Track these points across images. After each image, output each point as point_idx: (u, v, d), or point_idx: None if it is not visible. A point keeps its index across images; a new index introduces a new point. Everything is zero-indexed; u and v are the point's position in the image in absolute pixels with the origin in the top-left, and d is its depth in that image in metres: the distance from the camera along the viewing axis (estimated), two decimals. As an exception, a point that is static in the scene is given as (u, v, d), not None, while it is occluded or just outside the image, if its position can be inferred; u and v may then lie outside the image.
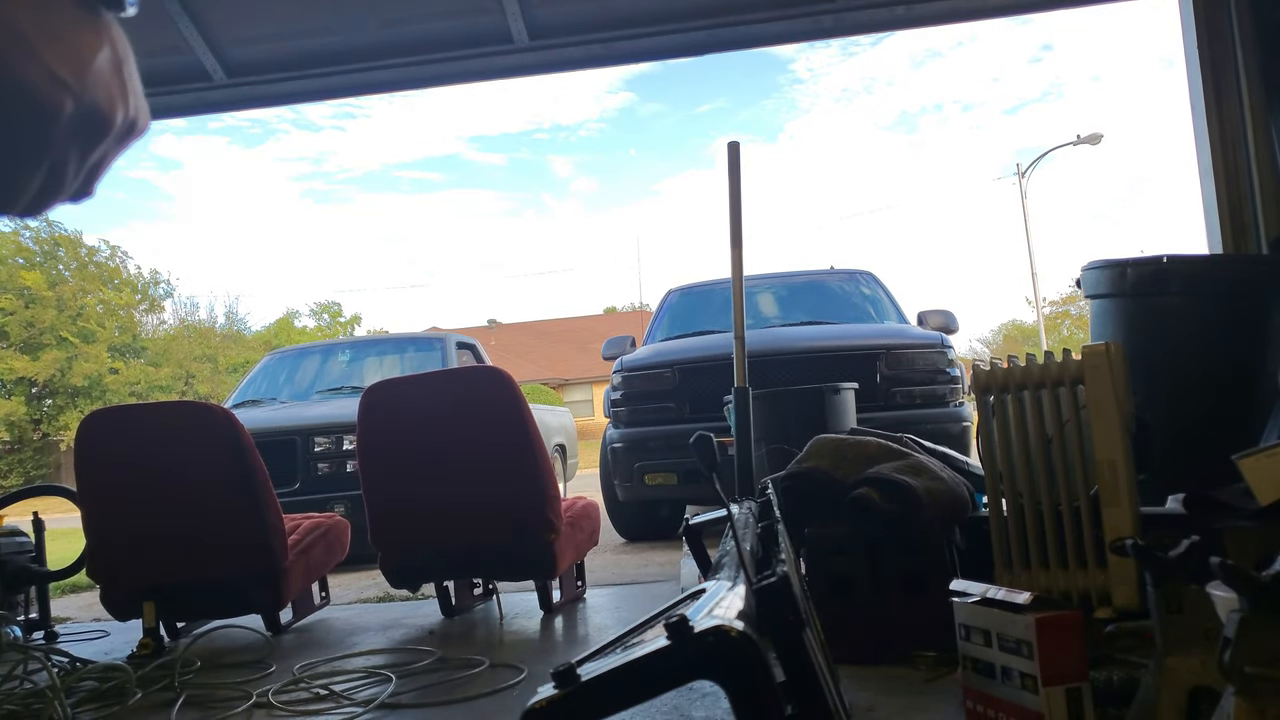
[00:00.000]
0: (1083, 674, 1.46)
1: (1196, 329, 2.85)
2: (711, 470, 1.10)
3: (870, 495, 2.19)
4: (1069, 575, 2.10)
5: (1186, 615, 1.14)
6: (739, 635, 0.70)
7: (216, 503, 3.03)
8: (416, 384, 3.33)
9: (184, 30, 4.07)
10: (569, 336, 35.64)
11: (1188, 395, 2.80)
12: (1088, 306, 3.19)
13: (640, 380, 5.21)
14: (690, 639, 0.69)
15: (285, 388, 6.93)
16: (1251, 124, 3.58)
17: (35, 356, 24.92)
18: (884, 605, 2.16)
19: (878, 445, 2.40)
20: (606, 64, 4.33)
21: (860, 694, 1.88)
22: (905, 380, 4.89)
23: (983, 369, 2.25)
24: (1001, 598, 1.56)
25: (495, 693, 2.23)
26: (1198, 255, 3.34)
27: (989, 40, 70.75)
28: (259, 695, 2.33)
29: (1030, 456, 2.16)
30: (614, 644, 0.78)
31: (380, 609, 3.68)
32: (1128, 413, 2.02)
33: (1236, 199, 3.62)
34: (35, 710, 2.21)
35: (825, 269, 7.04)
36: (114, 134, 0.51)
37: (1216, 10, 3.67)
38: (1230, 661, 0.91)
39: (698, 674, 0.72)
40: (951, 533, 2.25)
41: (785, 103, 67.21)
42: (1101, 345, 2.06)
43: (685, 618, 0.69)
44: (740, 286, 3.20)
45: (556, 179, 67.29)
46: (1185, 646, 1.13)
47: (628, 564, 4.82)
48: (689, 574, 2.24)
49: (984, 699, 1.60)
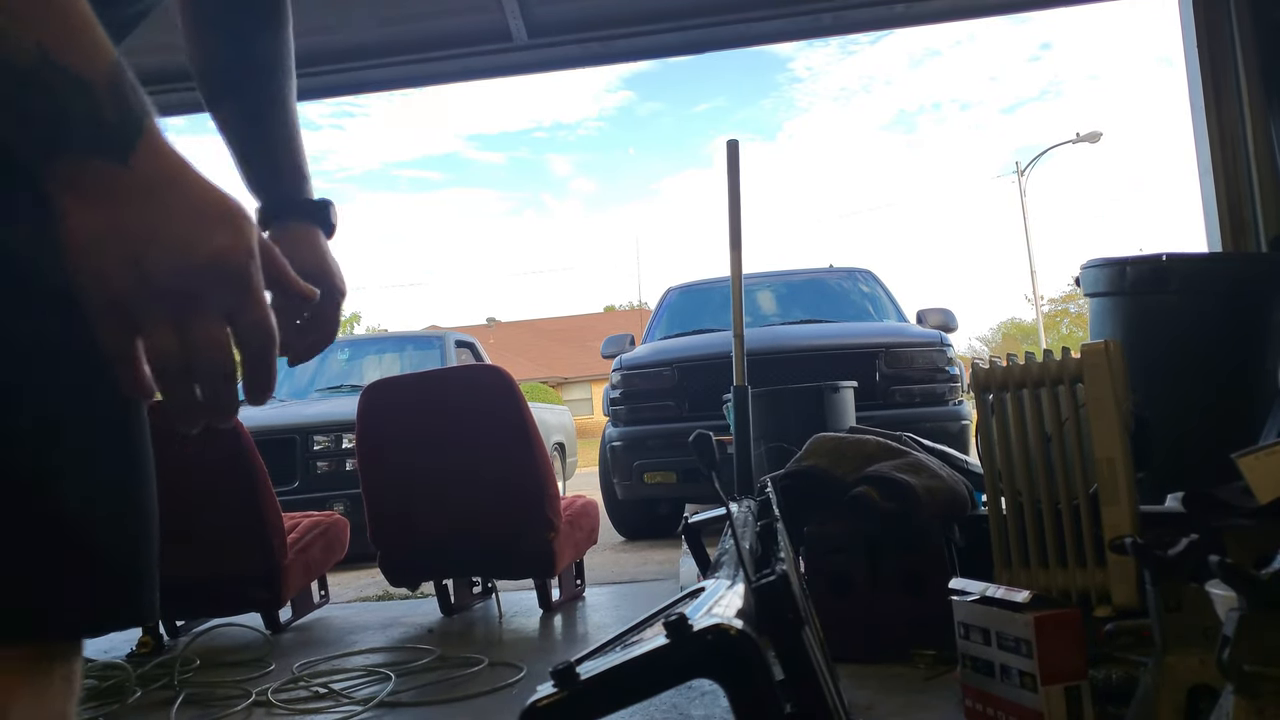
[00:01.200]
0: (1082, 672, 1.47)
1: (1196, 327, 2.85)
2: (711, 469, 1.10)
3: (869, 494, 2.19)
4: (1068, 574, 2.10)
5: (1185, 614, 1.14)
6: (738, 634, 0.70)
7: (216, 501, 3.02)
8: (416, 382, 3.32)
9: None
10: (568, 335, 35.62)
11: (1187, 393, 2.80)
12: (1087, 305, 3.19)
13: (639, 379, 5.20)
14: (689, 637, 0.69)
15: (284, 386, 6.92)
16: (1251, 122, 3.58)
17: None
18: (883, 603, 2.16)
19: (877, 444, 2.40)
20: (605, 62, 4.32)
21: (859, 692, 1.88)
22: (904, 379, 4.88)
23: (982, 367, 2.25)
24: (1001, 596, 1.56)
25: (494, 691, 2.23)
26: (1197, 253, 3.34)
27: (988, 39, 70.74)
28: (258, 694, 2.33)
29: (1029, 455, 2.16)
30: (613, 642, 0.77)
31: (379, 607, 3.68)
32: (1127, 411, 2.02)
33: (1236, 197, 3.62)
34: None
35: (824, 267, 7.04)
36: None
37: (1216, 9, 3.67)
38: (1229, 660, 0.91)
39: (697, 672, 0.72)
40: (950, 531, 2.25)
41: (784, 101, 67.26)
42: (1101, 343, 2.06)
43: (684, 616, 0.69)
44: (739, 285, 3.20)
45: (555, 177, 67.34)
46: (1184, 645, 1.13)
47: (627, 562, 4.82)
48: (688, 572, 2.24)
49: (983, 697, 1.60)
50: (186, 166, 0.53)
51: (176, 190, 0.52)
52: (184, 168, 0.53)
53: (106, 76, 0.50)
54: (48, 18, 0.48)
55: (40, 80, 0.48)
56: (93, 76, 0.49)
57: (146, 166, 0.51)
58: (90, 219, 0.50)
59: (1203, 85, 3.68)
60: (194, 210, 0.52)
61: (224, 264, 0.52)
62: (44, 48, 0.48)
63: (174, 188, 0.52)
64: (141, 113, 0.51)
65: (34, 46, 0.47)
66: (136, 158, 0.51)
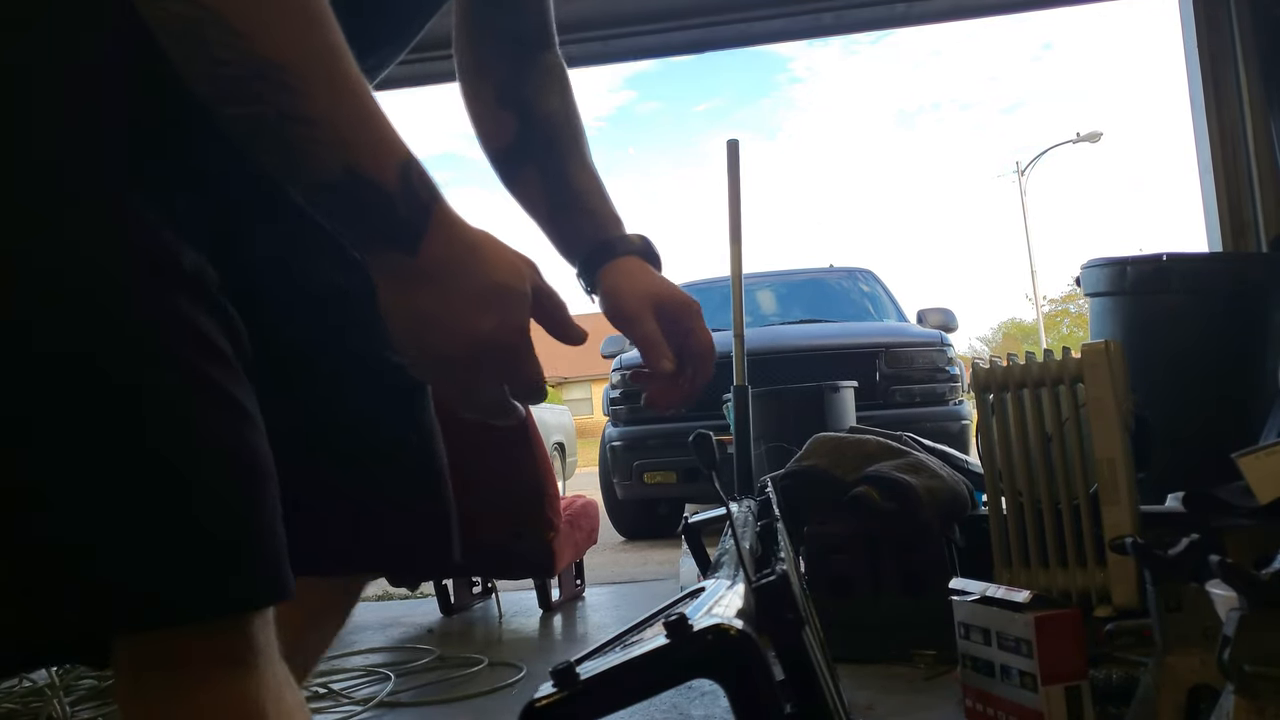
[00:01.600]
0: (1082, 672, 1.46)
1: (1196, 327, 2.85)
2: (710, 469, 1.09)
3: (870, 493, 2.18)
4: (1068, 574, 2.10)
5: (1186, 614, 1.13)
6: (738, 634, 0.69)
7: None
8: (415, 382, 3.31)
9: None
10: (568, 334, 35.53)
11: (1187, 393, 2.80)
12: (1087, 304, 3.19)
13: (639, 378, 5.20)
14: (689, 637, 0.69)
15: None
16: (1251, 122, 3.57)
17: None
18: (883, 603, 2.16)
19: (877, 443, 2.40)
20: (605, 61, 4.33)
21: (860, 692, 1.88)
22: (904, 378, 4.88)
23: (982, 367, 2.25)
24: (1001, 596, 1.56)
25: (494, 691, 2.23)
26: (1197, 253, 3.34)
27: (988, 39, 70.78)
28: (258, 693, 2.33)
29: (1030, 455, 2.16)
30: (613, 642, 0.77)
31: (379, 607, 3.68)
32: (1127, 411, 2.02)
33: (1236, 197, 3.62)
34: (34, 708, 2.21)
35: (824, 266, 7.03)
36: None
37: (1216, 8, 3.66)
38: (1229, 660, 0.91)
39: (696, 672, 0.71)
40: (951, 531, 2.24)
41: (784, 101, 67.32)
42: (1101, 343, 2.06)
43: (684, 616, 0.69)
44: (739, 284, 3.20)
45: (556, 177, 67.14)
46: (1185, 645, 1.13)
47: (627, 562, 4.82)
48: (688, 572, 2.24)
49: (983, 697, 1.60)
50: (471, 246, 0.61)
51: (456, 275, 0.60)
52: (468, 248, 0.60)
53: (398, 175, 0.57)
54: (352, 137, 0.55)
55: (346, 191, 0.56)
56: (387, 179, 0.56)
57: (432, 253, 0.59)
58: (387, 296, 0.60)
59: (1203, 84, 3.68)
60: (469, 295, 0.60)
61: (491, 344, 0.61)
62: (349, 165, 0.55)
63: (454, 273, 0.60)
64: (430, 200, 0.59)
65: (341, 166, 0.55)
66: (425, 246, 0.58)
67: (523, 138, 0.95)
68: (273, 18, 0.54)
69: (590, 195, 0.94)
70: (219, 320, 0.59)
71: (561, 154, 0.95)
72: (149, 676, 0.57)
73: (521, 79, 0.96)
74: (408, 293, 0.59)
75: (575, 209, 0.94)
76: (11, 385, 0.52)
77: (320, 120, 0.55)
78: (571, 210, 0.94)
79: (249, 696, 0.57)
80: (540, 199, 0.95)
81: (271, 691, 0.59)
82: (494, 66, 0.96)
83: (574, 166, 0.95)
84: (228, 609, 0.56)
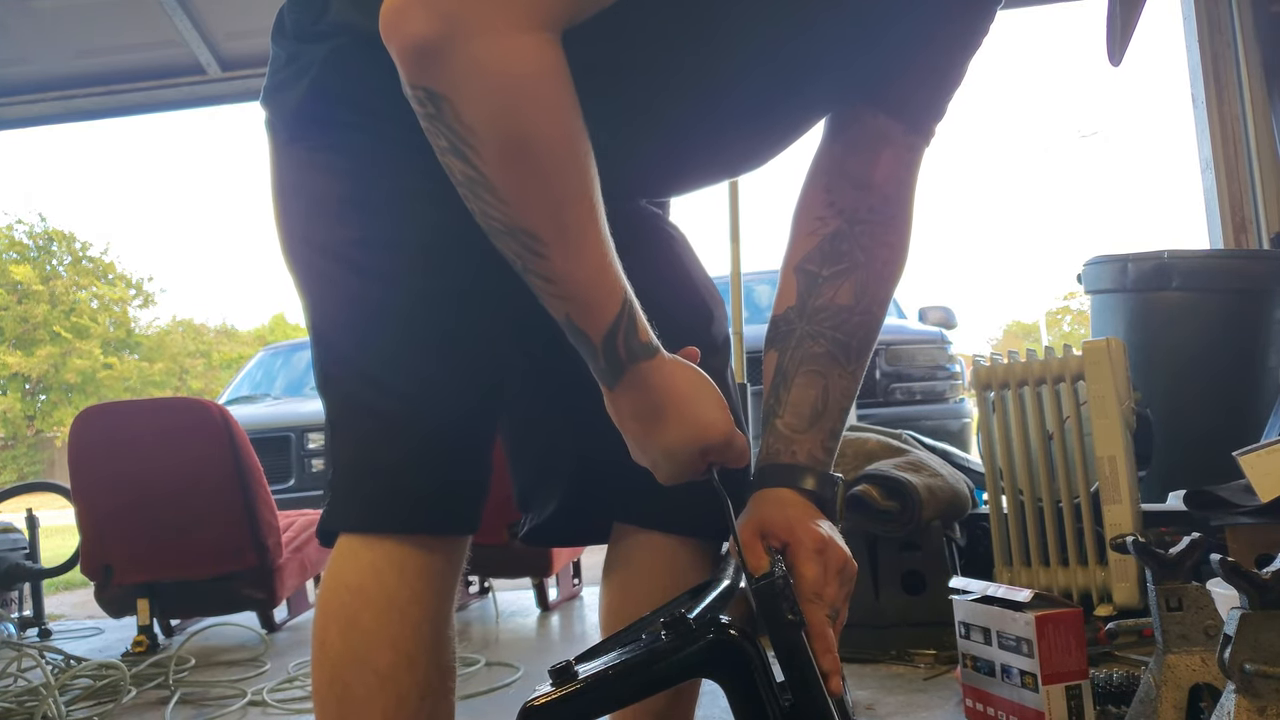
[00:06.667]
0: (1083, 672, 1.46)
1: (1197, 324, 2.85)
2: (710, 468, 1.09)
3: (869, 492, 2.17)
4: (1069, 572, 2.09)
5: (1187, 613, 1.13)
6: (738, 634, 0.69)
7: (211, 499, 3.01)
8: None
9: (178, 24, 4.05)
10: (567, 333, 35.58)
11: (1189, 391, 2.79)
12: (1088, 302, 3.19)
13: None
14: (689, 637, 0.68)
15: (279, 384, 6.91)
16: (1252, 118, 3.57)
17: (29, 352, 24.84)
18: (883, 603, 2.15)
19: (877, 442, 2.39)
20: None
21: (859, 692, 1.87)
22: (905, 376, 4.88)
23: (983, 365, 2.24)
24: (1001, 595, 1.55)
25: (491, 691, 2.22)
26: (1198, 250, 3.33)
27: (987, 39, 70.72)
28: (254, 693, 2.32)
29: (1030, 453, 2.15)
30: (611, 642, 0.77)
31: (377, 606, 3.66)
32: (1128, 408, 2.02)
33: (1237, 194, 3.62)
34: (29, 708, 2.20)
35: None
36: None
37: (1217, 3, 3.66)
38: (1230, 659, 0.90)
39: (696, 672, 0.71)
40: (951, 530, 2.24)
41: (783, 99, 67.14)
42: (1102, 341, 2.05)
43: (684, 615, 0.69)
44: (739, 281, 3.20)
45: (554, 175, 67.22)
46: (1186, 644, 1.12)
47: (625, 561, 4.81)
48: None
49: (983, 697, 1.59)
50: (655, 409, 0.76)
51: (645, 422, 0.77)
52: (653, 410, 0.76)
53: (604, 334, 0.73)
54: (575, 295, 0.72)
55: (568, 331, 0.75)
56: (594, 334, 0.73)
57: (621, 405, 0.77)
58: (609, 411, 0.80)
59: (1204, 80, 3.67)
60: (648, 447, 0.79)
61: (668, 480, 0.81)
62: (569, 316, 0.73)
63: (643, 419, 0.77)
64: (627, 361, 0.74)
65: (564, 314, 0.73)
66: (616, 397, 0.77)
67: (789, 315, 0.99)
68: (532, 195, 0.69)
69: (798, 413, 0.94)
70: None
71: (803, 360, 0.96)
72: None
73: (828, 263, 0.98)
74: (615, 417, 0.79)
75: (777, 417, 0.95)
76: None
77: (555, 279, 0.71)
78: (772, 417, 0.95)
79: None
80: (767, 381, 0.97)
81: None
82: (822, 232, 0.98)
83: (804, 379, 0.95)
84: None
